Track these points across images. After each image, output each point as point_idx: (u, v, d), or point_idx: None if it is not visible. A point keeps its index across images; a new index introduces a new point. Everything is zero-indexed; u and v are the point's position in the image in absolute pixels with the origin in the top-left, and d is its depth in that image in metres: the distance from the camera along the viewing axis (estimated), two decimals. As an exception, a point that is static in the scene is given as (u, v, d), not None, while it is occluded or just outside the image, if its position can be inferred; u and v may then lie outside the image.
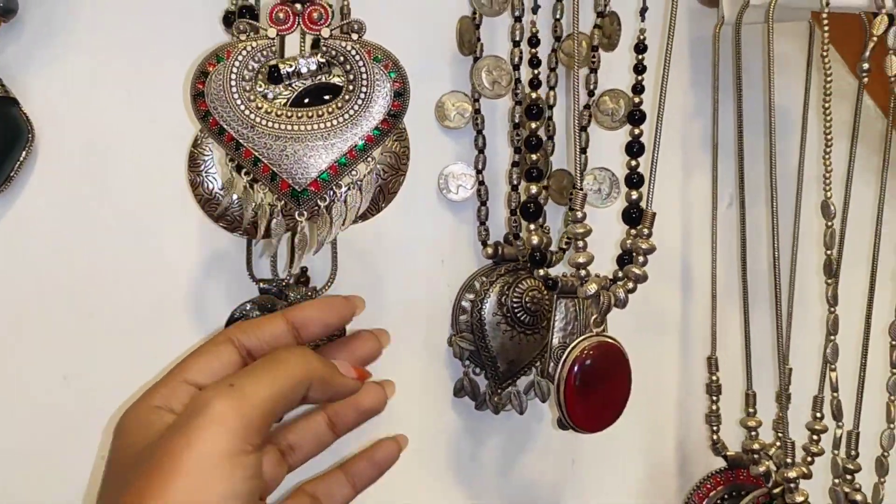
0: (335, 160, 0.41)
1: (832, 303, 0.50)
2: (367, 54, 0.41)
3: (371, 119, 0.41)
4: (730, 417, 0.62)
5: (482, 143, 0.57)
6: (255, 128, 0.40)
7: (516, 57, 0.55)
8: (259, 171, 0.40)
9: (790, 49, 0.64)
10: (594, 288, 0.47)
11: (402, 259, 0.58)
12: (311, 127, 0.40)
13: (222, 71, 0.40)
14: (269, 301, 0.50)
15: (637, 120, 0.53)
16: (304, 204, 0.41)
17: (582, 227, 0.46)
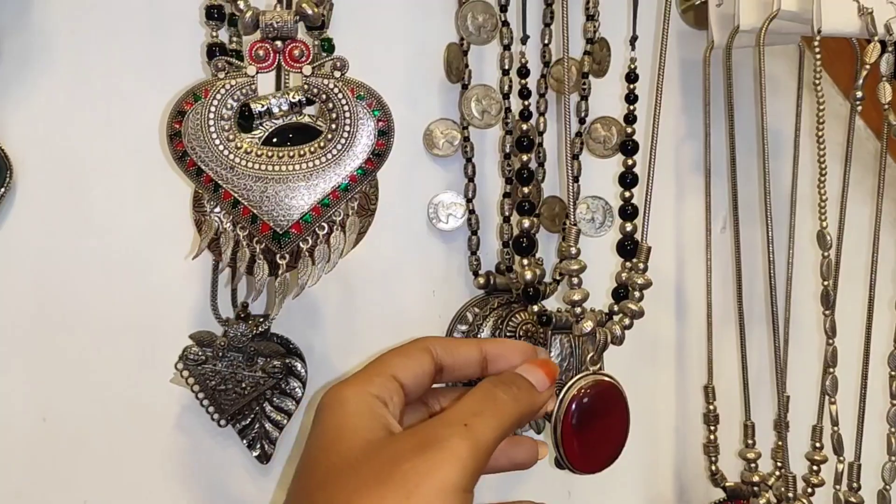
0: (318, 201, 0.39)
1: (830, 334, 0.49)
2: (350, 92, 0.39)
3: (355, 158, 0.39)
4: (728, 447, 0.60)
5: (472, 171, 0.56)
6: (235, 168, 0.39)
7: (506, 86, 0.54)
8: (239, 214, 0.39)
9: (780, 70, 0.64)
10: (590, 325, 0.45)
11: (392, 290, 0.57)
12: (293, 167, 0.39)
13: (200, 110, 0.38)
14: (207, 336, 0.50)
15: (630, 150, 0.52)
16: (285, 246, 0.39)
17: (576, 263, 0.45)
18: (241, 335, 0.50)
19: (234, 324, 0.50)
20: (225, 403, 0.51)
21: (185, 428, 0.53)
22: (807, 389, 0.60)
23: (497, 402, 0.38)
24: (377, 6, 0.55)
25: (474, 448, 0.35)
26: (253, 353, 0.51)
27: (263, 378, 0.51)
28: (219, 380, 0.50)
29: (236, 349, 0.50)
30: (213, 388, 0.51)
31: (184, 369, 0.50)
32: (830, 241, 0.48)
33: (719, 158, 0.60)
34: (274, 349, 0.52)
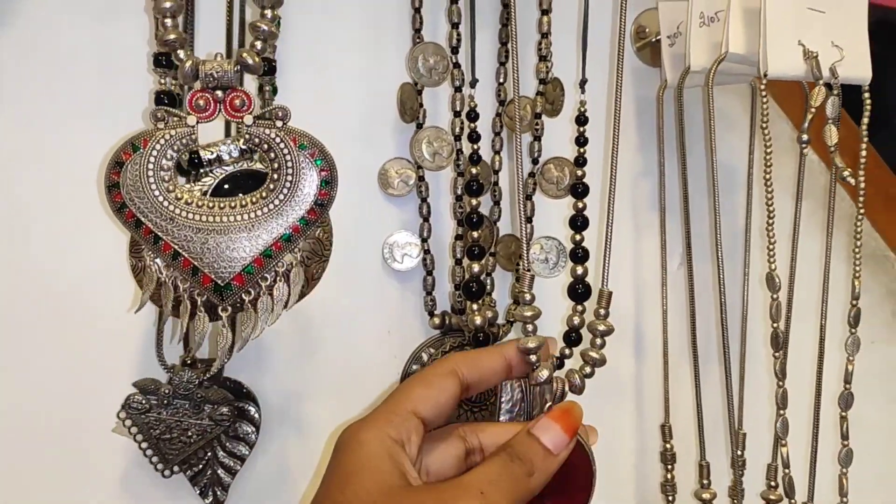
0: (260, 252, 0.39)
1: (780, 377, 0.49)
2: (292, 142, 0.39)
3: (297, 209, 0.39)
4: (688, 486, 0.60)
5: (427, 211, 0.56)
6: (175, 220, 0.38)
7: (457, 128, 0.53)
8: (179, 266, 0.38)
9: (734, 107, 0.64)
10: (546, 374, 0.43)
11: (347, 329, 0.56)
12: (234, 218, 0.38)
13: (139, 161, 0.38)
14: (151, 384, 0.49)
15: (580, 193, 0.51)
16: (227, 299, 0.38)
17: (530, 309, 0.43)
18: (186, 382, 0.49)
19: (180, 370, 0.49)
20: (170, 453, 0.50)
21: (131, 479, 0.52)
22: (764, 427, 0.60)
23: (513, 476, 0.39)
24: (332, 47, 0.55)
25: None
26: (200, 401, 0.50)
27: (210, 426, 0.50)
28: (163, 428, 0.50)
29: (182, 396, 0.50)
30: (158, 437, 0.50)
31: (126, 418, 0.49)
32: (779, 282, 0.48)
33: (676, 196, 0.60)
34: (222, 396, 0.51)
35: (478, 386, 0.43)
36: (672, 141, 0.59)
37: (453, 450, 0.42)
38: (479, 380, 0.42)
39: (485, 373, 0.43)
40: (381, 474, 0.37)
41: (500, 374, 0.43)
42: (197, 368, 0.50)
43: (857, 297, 0.49)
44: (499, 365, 0.43)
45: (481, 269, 0.47)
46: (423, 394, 0.40)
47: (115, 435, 0.50)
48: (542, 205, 0.57)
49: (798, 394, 0.55)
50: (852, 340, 0.50)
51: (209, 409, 0.49)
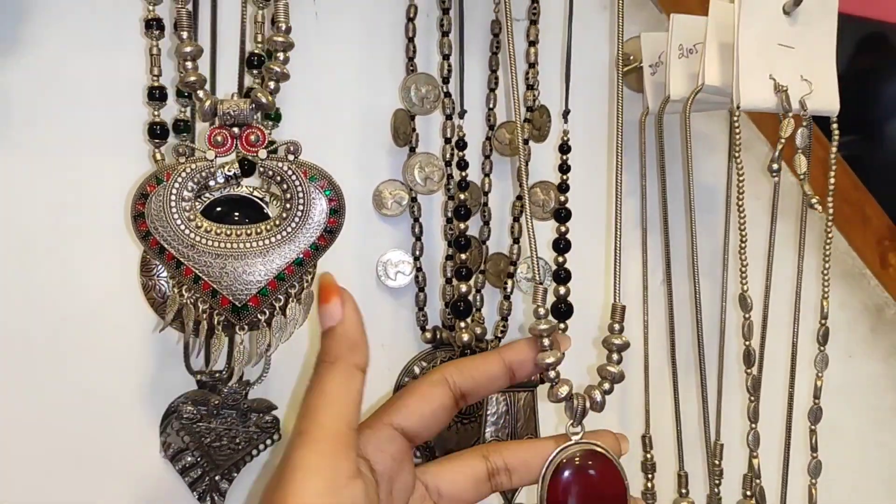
0: (274, 276, 0.45)
1: (751, 392, 0.56)
2: (303, 174, 0.45)
3: (309, 236, 0.45)
4: (669, 495, 0.66)
5: (419, 230, 0.62)
6: (196, 247, 0.44)
7: (447, 153, 0.60)
8: (200, 289, 0.45)
9: (715, 130, 0.71)
10: (566, 391, 0.43)
11: None
12: (250, 244, 0.45)
13: (162, 192, 0.44)
14: (201, 396, 0.54)
15: (563, 217, 0.58)
16: (244, 318, 0.45)
17: (546, 323, 0.43)
18: (234, 393, 0.55)
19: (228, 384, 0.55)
20: (219, 459, 0.56)
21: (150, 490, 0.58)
22: (741, 439, 0.66)
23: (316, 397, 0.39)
24: (328, 75, 0.60)
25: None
26: (246, 410, 0.55)
27: (256, 433, 0.56)
28: (213, 437, 0.55)
29: (230, 406, 0.55)
30: (209, 445, 0.56)
31: (180, 428, 0.54)
32: (751, 303, 0.55)
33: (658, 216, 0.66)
34: (267, 404, 0.57)
35: (475, 393, 0.43)
36: (654, 164, 0.66)
37: (470, 470, 0.43)
38: (474, 387, 0.43)
39: (480, 379, 0.43)
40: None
41: (500, 378, 0.44)
42: (243, 381, 0.55)
43: (825, 316, 0.56)
44: (496, 370, 0.43)
45: (468, 289, 0.53)
46: (403, 404, 0.41)
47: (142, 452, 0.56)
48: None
49: (773, 407, 0.62)
50: (821, 358, 0.57)
51: (255, 417, 0.55)
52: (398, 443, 0.41)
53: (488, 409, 0.51)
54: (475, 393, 0.43)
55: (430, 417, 0.42)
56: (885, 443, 0.78)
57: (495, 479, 0.43)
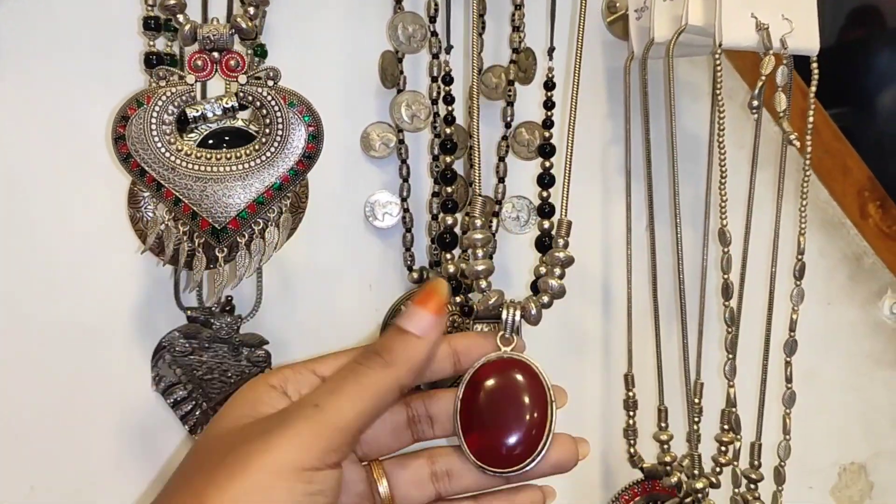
0: (253, 199, 0.44)
1: (729, 323, 0.54)
2: (282, 100, 0.44)
3: (287, 160, 0.44)
4: (649, 431, 0.65)
5: (406, 172, 0.60)
6: (176, 169, 0.43)
7: (434, 92, 0.58)
8: (180, 211, 0.43)
9: (699, 77, 0.69)
10: (494, 298, 0.41)
11: (330, 285, 0.61)
12: (230, 168, 0.43)
13: (143, 115, 0.43)
14: (193, 329, 0.53)
15: (547, 153, 0.57)
16: (223, 241, 0.44)
17: (480, 233, 0.43)
18: (226, 327, 0.54)
19: (220, 316, 0.54)
20: (211, 391, 0.55)
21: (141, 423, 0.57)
22: (720, 376, 0.66)
23: (358, 376, 0.37)
24: (315, 16, 0.59)
25: (321, 428, 0.35)
26: (238, 344, 0.54)
27: (249, 367, 0.55)
28: (205, 370, 0.54)
29: (221, 340, 0.54)
30: (201, 378, 0.54)
31: (171, 362, 0.53)
32: (730, 237, 0.53)
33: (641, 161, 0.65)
34: (258, 339, 0.55)
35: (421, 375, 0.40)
36: (640, 109, 0.64)
37: (389, 415, 0.40)
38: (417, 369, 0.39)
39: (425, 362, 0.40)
40: (232, 416, 0.37)
41: (443, 362, 0.41)
42: (235, 314, 0.54)
43: (801, 252, 0.55)
44: (442, 353, 0.41)
45: (454, 221, 0.52)
46: (330, 359, 0.40)
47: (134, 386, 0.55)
48: (514, 166, 0.61)
49: (751, 343, 0.61)
50: (797, 292, 0.56)
51: (247, 351, 0.53)
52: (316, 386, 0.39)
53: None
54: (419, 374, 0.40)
55: None
56: (861, 387, 0.77)
57: (416, 426, 0.42)
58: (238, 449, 0.34)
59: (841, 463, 0.76)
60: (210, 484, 0.33)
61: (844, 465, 0.76)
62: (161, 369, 0.55)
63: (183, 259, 0.44)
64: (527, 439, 0.40)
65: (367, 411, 0.36)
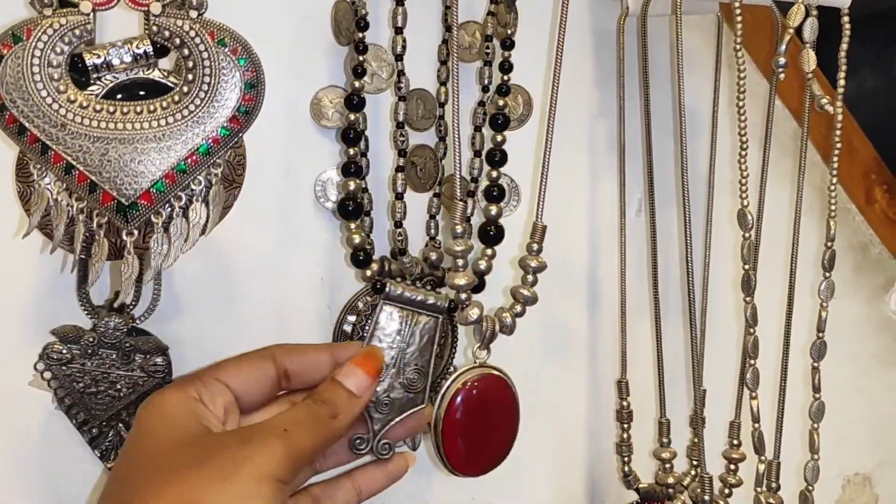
0: (172, 166, 0.34)
1: (751, 322, 0.47)
2: (209, 36, 0.34)
3: (217, 116, 0.34)
4: (642, 445, 0.59)
5: (365, 145, 0.52)
6: (67, 126, 0.33)
7: (398, 45, 0.50)
8: (73, 181, 0.33)
9: (696, 45, 0.62)
10: (476, 313, 0.42)
11: (273, 277, 0.53)
12: (141, 125, 0.33)
13: (21, 54, 0.33)
14: (72, 332, 0.46)
15: (500, 125, 0.50)
16: (132, 221, 0.34)
17: (461, 243, 0.42)
18: (113, 329, 0.47)
19: (106, 316, 0.46)
20: (96, 408, 0.47)
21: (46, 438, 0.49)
22: (722, 383, 0.59)
23: (317, 417, 0.42)
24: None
25: (290, 450, 0.39)
26: (130, 350, 0.47)
27: (143, 378, 0.48)
28: (88, 381, 0.47)
29: (109, 345, 0.47)
30: (82, 392, 0.47)
31: (45, 370, 0.46)
32: (752, 220, 0.45)
33: (633, 136, 0.58)
34: (154, 344, 0.48)
35: (299, 377, 0.45)
36: (631, 76, 0.57)
37: (277, 409, 0.45)
38: (299, 370, 0.45)
39: (304, 365, 0.45)
40: (179, 427, 0.40)
41: (324, 369, 0.45)
42: (126, 314, 0.47)
43: (832, 238, 0.47)
44: (321, 361, 0.45)
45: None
46: (232, 366, 0.44)
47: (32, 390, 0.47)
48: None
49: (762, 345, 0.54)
50: (826, 285, 0.48)
51: (140, 359, 0.47)
52: (227, 396, 0.43)
53: (379, 321, 0.47)
54: (298, 376, 0.45)
55: (253, 384, 0.44)
56: (866, 390, 0.71)
57: (286, 381, 0.45)
58: (222, 453, 0.38)
59: (845, 474, 0.71)
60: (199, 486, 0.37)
61: (848, 476, 0.71)
62: (34, 380, 0.47)
63: (78, 245, 0.34)
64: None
65: (318, 448, 0.42)
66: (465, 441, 0.44)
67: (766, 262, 0.55)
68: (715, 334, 0.59)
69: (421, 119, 0.53)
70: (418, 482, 0.57)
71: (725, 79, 0.60)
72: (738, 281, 0.60)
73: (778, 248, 0.59)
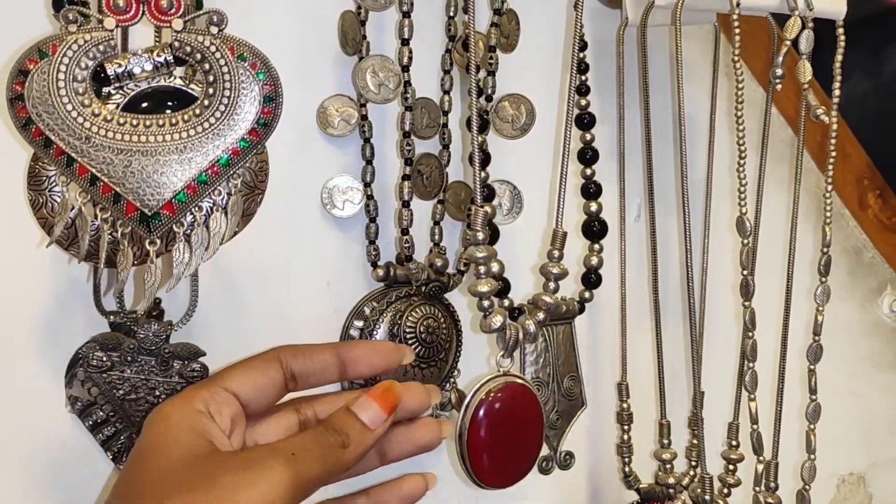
0: (193, 178, 0.35)
1: (750, 326, 0.48)
2: (229, 51, 0.35)
3: (237, 128, 0.35)
4: (642, 446, 0.59)
5: (370, 152, 0.53)
6: (92, 139, 0.34)
7: (405, 56, 0.51)
8: (98, 192, 0.34)
9: (694, 55, 0.63)
10: (500, 321, 0.42)
11: (280, 283, 0.53)
12: (164, 138, 0.34)
13: (47, 69, 0.34)
14: (113, 339, 0.45)
15: (586, 124, 0.52)
16: (155, 230, 0.35)
17: (483, 249, 0.41)
18: (153, 336, 0.46)
19: (146, 323, 0.46)
20: (136, 415, 0.47)
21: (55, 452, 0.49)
22: (720, 385, 0.60)
23: (326, 446, 0.40)
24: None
25: (296, 477, 0.38)
26: (168, 356, 0.47)
27: (181, 384, 0.47)
28: (128, 388, 0.47)
29: (148, 352, 0.47)
30: (122, 398, 0.47)
31: (86, 379, 0.45)
32: (750, 226, 0.47)
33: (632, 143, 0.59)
34: (193, 350, 0.48)
35: (306, 379, 0.44)
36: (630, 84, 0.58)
37: (284, 420, 0.44)
38: (306, 372, 0.44)
39: (312, 366, 0.44)
40: (185, 444, 0.38)
41: (331, 370, 0.44)
42: (165, 321, 0.47)
43: (828, 244, 0.49)
44: (328, 362, 0.44)
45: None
46: (237, 373, 0.42)
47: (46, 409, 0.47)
48: (496, 146, 0.54)
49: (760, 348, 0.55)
50: (822, 290, 0.49)
51: (179, 364, 0.46)
52: (234, 406, 0.42)
53: (526, 349, 0.44)
54: (305, 378, 0.44)
55: (261, 389, 0.43)
56: (860, 392, 0.72)
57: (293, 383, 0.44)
58: (224, 478, 0.37)
59: (839, 474, 0.72)
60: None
61: (843, 476, 0.72)
62: (74, 388, 0.47)
63: (104, 254, 0.35)
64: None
65: (324, 477, 0.40)
66: (491, 456, 0.43)
67: (762, 267, 0.56)
68: (712, 337, 0.59)
69: (426, 128, 0.53)
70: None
71: (723, 87, 0.61)
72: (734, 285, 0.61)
73: (774, 253, 0.59)
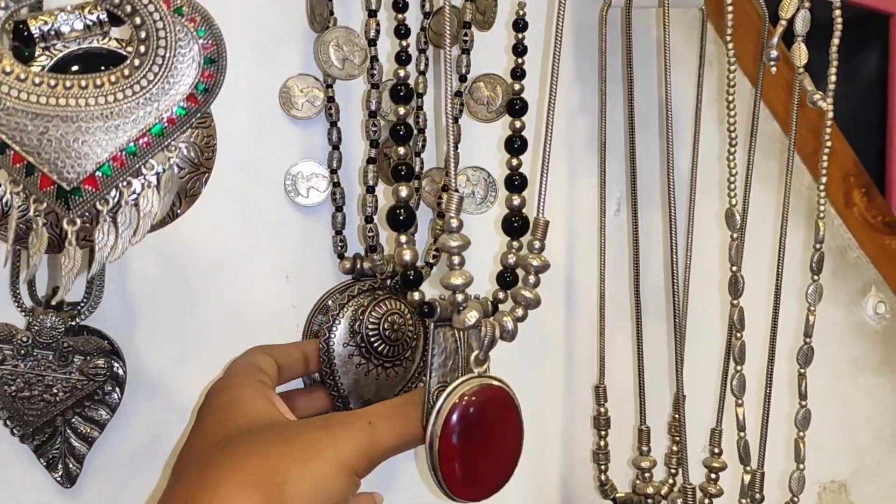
0: (120, 148, 0.30)
1: (738, 327, 0.44)
2: (164, 4, 0.30)
3: (172, 93, 0.30)
4: (619, 453, 0.56)
5: (337, 136, 0.50)
6: (2, 101, 0.29)
7: (372, 29, 0.46)
8: (8, 161, 0.29)
9: (678, 42, 0.60)
10: (475, 317, 0.37)
11: (236, 275, 0.50)
12: (86, 102, 0.29)
13: (-50, 19, 0.29)
14: (4, 331, 0.42)
15: (518, 111, 0.45)
16: (75, 208, 0.30)
17: (458, 238, 0.37)
18: (50, 328, 0.43)
19: (42, 314, 0.42)
20: (29, 413, 0.43)
21: None
22: (702, 389, 0.56)
23: (405, 416, 0.40)
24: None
25: (372, 442, 0.38)
26: (67, 351, 0.43)
27: (82, 381, 0.43)
28: (20, 384, 0.43)
29: (45, 346, 0.43)
30: (13, 395, 0.43)
31: None
32: (739, 220, 0.42)
33: (614, 133, 0.55)
34: (96, 345, 0.44)
35: (283, 373, 0.46)
36: (612, 70, 0.54)
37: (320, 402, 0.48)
38: (282, 366, 0.46)
39: (288, 361, 0.46)
40: (260, 410, 0.40)
41: (298, 365, 0.47)
42: (64, 312, 0.43)
43: (821, 240, 0.44)
44: (298, 356, 0.47)
45: (410, 191, 0.40)
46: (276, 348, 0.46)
47: None
48: (470, 129, 0.51)
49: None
50: (814, 288, 0.45)
51: (79, 361, 0.43)
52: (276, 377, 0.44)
53: (433, 350, 0.39)
54: (282, 373, 0.46)
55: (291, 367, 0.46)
56: (844, 396, 0.69)
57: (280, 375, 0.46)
58: (306, 435, 0.38)
59: (821, 482, 0.68)
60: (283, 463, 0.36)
61: (825, 483, 0.68)
62: None
63: (12, 233, 0.30)
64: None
65: (398, 447, 0.40)
66: (464, 465, 0.39)
67: (748, 265, 0.53)
68: (694, 338, 0.56)
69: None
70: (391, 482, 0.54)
71: (709, 76, 0.57)
72: (719, 283, 0.58)
73: (760, 251, 0.56)
